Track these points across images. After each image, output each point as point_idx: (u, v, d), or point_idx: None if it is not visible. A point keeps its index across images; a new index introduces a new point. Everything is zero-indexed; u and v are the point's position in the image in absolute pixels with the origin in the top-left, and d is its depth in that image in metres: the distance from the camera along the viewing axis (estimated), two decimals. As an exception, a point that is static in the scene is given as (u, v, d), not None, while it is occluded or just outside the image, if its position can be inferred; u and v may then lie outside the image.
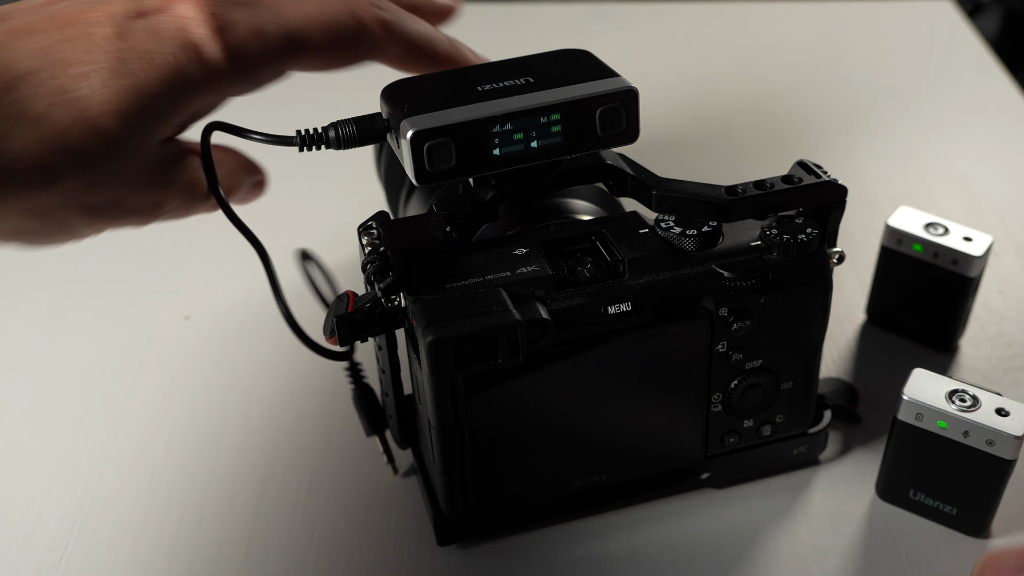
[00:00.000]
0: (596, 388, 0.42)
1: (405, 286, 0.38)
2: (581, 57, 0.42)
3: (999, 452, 0.41)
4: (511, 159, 0.39)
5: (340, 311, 0.39)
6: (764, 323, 0.42)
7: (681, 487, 0.47)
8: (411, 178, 0.38)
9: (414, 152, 0.38)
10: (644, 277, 0.40)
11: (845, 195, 0.42)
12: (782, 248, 0.41)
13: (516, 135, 0.39)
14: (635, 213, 0.43)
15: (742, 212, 0.41)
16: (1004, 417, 0.41)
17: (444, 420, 0.39)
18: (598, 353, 0.40)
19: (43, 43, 0.38)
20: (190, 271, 0.62)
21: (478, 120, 0.38)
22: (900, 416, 0.43)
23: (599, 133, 0.40)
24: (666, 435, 0.44)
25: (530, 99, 0.39)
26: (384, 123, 0.40)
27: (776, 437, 0.46)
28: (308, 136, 0.40)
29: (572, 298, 0.39)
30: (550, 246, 0.41)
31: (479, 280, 0.39)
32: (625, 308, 0.39)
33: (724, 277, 0.40)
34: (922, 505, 0.45)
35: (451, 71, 0.42)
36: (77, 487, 0.49)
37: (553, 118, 0.39)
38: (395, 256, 0.39)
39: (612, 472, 0.44)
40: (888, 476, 0.46)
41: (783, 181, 0.42)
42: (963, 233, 0.51)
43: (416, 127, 0.37)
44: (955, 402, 0.42)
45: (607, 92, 0.39)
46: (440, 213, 0.41)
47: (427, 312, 0.37)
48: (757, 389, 0.44)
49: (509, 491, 0.43)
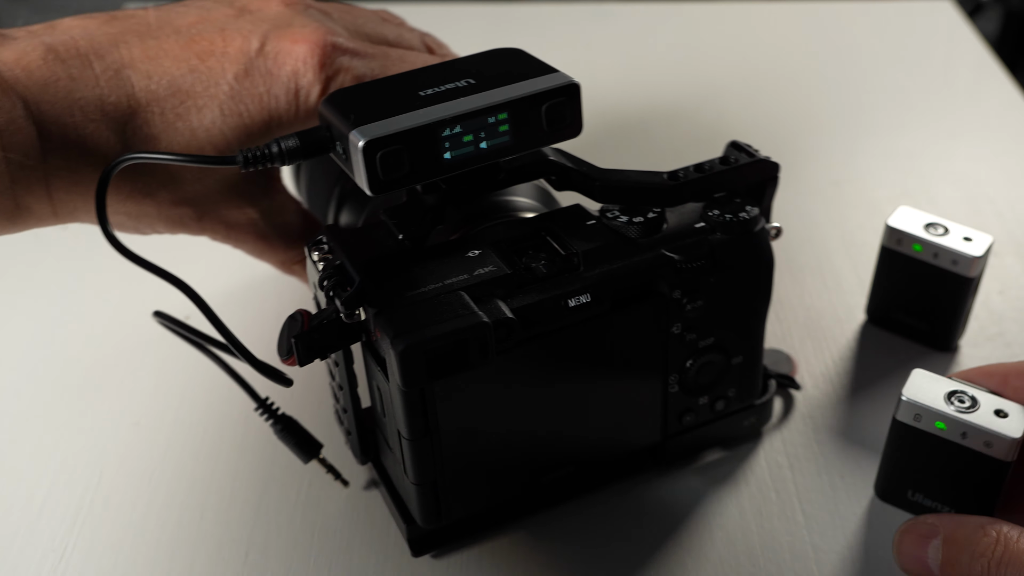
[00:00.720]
0: (560, 381, 0.42)
1: (366, 298, 0.38)
2: (516, 55, 0.42)
3: (996, 453, 0.41)
4: (462, 161, 0.39)
5: (296, 331, 0.38)
6: (714, 301, 0.43)
7: (642, 469, 0.48)
8: (364, 189, 0.38)
9: (367, 162, 0.37)
10: (599, 267, 0.40)
11: (778, 171, 0.44)
12: (726, 227, 0.42)
13: (466, 137, 0.39)
14: (578, 206, 0.44)
15: (686, 196, 0.43)
16: (1003, 419, 0.41)
17: (415, 430, 0.39)
18: (560, 347, 0.41)
19: (175, 72, 0.43)
20: (190, 271, 0.62)
21: (428, 125, 0.38)
22: (898, 417, 0.43)
23: (545, 129, 0.40)
24: (628, 421, 0.45)
25: (476, 100, 0.39)
26: (327, 135, 0.40)
27: (729, 411, 0.47)
28: (251, 155, 0.39)
29: (532, 295, 0.39)
30: (502, 245, 0.41)
31: (439, 286, 0.38)
32: (585, 300, 0.40)
33: (675, 260, 0.41)
34: (920, 506, 0.45)
35: (389, 78, 0.42)
36: (77, 487, 0.49)
37: (500, 117, 0.39)
38: (353, 268, 0.39)
39: (579, 463, 0.45)
40: (886, 477, 0.46)
41: (721, 163, 0.43)
42: (963, 233, 0.51)
43: (367, 136, 0.37)
44: (954, 403, 0.42)
45: (551, 88, 0.39)
46: (390, 221, 0.41)
47: (393, 322, 0.36)
48: (710, 366, 0.45)
49: (481, 494, 0.43)
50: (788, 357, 0.54)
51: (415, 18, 0.93)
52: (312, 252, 0.41)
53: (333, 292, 0.38)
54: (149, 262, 0.40)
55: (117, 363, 0.56)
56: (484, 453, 0.42)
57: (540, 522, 0.46)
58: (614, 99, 0.80)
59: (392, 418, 0.40)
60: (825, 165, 0.71)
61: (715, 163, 0.43)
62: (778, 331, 0.56)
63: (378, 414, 0.43)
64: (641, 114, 0.75)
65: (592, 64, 0.86)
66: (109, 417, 0.53)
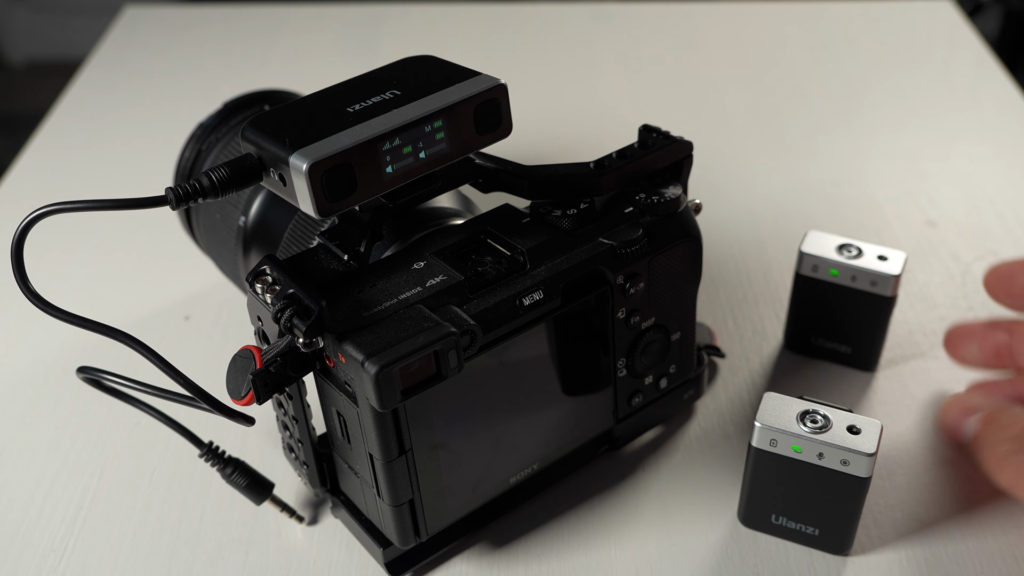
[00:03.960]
0: (520, 380, 0.42)
1: (326, 325, 0.37)
2: (430, 62, 0.42)
3: (854, 471, 0.41)
4: (403, 173, 0.39)
5: (250, 368, 0.37)
6: (653, 282, 0.44)
7: (597, 455, 0.49)
8: (311, 212, 0.37)
9: (312, 184, 0.36)
10: (545, 263, 0.41)
11: (692, 149, 0.45)
12: (654, 209, 0.43)
13: (405, 149, 0.38)
14: (507, 205, 0.44)
15: (613, 182, 0.43)
16: (855, 435, 0.41)
17: (389, 452, 0.39)
18: (516, 347, 0.41)
19: None
20: (190, 271, 0.62)
21: (368, 140, 0.37)
22: (755, 443, 0.42)
23: (477, 132, 0.40)
24: (583, 411, 0.46)
25: (410, 111, 0.38)
26: (258, 162, 0.38)
27: (671, 387, 0.49)
28: (182, 191, 0.38)
29: (487, 298, 0.39)
30: (445, 253, 0.41)
31: (395, 302, 0.38)
32: (538, 296, 0.40)
33: (614, 246, 0.42)
34: (785, 528, 0.45)
35: (307, 98, 0.41)
36: (77, 487, 0.49)
37: (436, 125, 0.39)
38: (307, 296, 0.37)
39: (542, 459, 0.45)
40: (749, 503, 0.45)
41: (640, 147, 0.44)
42: (877, 252, 0.50)
43: (311, 158, 0.36)
44: (807, 424, 0.41)
45: (482, 90, 0.40)
46: (330, 244, 0.41)
47: (360, 345, 0.36)
48: (653, 346, 0.46)
49: (455, 506, 0.43)
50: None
51: (415, 18, 0.94)
52: (255, 284, 0.39)
53: (294, 321, 0.37)
54: (84, 318, 0.38)
55: (117, 363, 0.56)
56: (456, 463, 0.42)
57: (508, 523, 0.46)
58: (614, 99, 0.81)
59: (361, 443, 0.40)
60: (825, 165, 0.71)
61: (634, 148, 0.44)
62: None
63: (339, 441, 0.42)
64: (641, 114, 0.74)
65: (592, 64, 0.86)
66: (109, 417, 0.53)
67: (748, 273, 0.61)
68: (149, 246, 0.66)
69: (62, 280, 0.63)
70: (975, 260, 0.61)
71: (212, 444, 0.44)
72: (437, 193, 0.42)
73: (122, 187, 0.72)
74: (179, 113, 0.74)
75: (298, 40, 0.91)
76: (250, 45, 0.91)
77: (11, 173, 0.74)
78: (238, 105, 0.56)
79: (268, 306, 0.38)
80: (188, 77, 0.86)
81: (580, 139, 0.75)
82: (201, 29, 0.94)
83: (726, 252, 0.63)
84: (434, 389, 0.37)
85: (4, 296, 0.61)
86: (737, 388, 0.53)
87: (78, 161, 0.75)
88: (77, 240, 0.66)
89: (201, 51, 0.90)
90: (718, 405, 0.52)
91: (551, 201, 0.43)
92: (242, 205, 0.51)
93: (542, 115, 0.77)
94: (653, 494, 0.47)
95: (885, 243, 0.62)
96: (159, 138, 0.76)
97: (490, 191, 0.44)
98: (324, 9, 0.96)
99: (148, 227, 0.67)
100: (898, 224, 0.65)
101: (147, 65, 0.88)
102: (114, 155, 0.76)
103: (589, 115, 0.78)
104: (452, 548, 0.45)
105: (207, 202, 0.41)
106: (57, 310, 0.37)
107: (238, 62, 0.88)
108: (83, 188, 0.72)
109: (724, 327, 0.57)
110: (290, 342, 0.38)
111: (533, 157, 0.47)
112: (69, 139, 0.78)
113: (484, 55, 0.87)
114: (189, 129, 0.56)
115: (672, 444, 0.50)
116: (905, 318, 0.57)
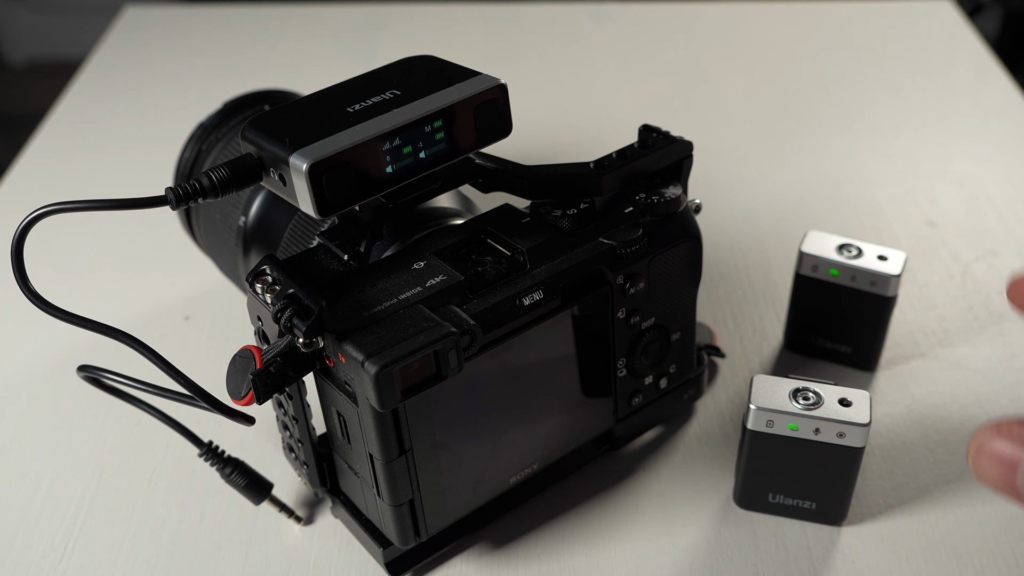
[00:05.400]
0: (519, 380, 0.42)
1: (326, 325, 0.37)
2: (430, 62, 0.42)
3: (850, 442, 0.42)
4: (404, 173, 0.39)
5: (250, 368, 0.37)
6: (653, 282, 0.44)
7: (597, 455, 0.49)
8: (311, 212, 0.37)
9: (313, 184, 0.36)
10: (545, 263, 0.41)
11: (692, 149, 0.45)
12: (654, 209, 0.43)
13: (405, 149, 0.38)
14: (507, 205, 0.44)
15: (613, 183, 0.43)
16: (848, 407, 0.42)
17: (390, 452, 0.39)
18: (517, 346, 0.41)
19: None
20: (190, 271, 0.62)
21: (368, 140, 0.37)
22: (751, 426, 0.43)
23: (477, 132, 0.40)
24: (583, 411, 0.46)
25: (410, 111, 0.38)
26: (258, 162, 0.39)
27: (672, 387, 0.48)
28: (182, 191, 0.38)
29: (487, 298, 0.39)
30: (445, 253, 0.41)
31: (395, 301, 0.38)
32: (538, 296, 0.40)
33: (615, 246, 0.42)
34: (782, 506, 0.45)
35: (307, 98, 0.41)
36: (77, 487, 0.49)
37: (436, 125, 0.39)
38: (307, 296, 0.37)
39: (542, 459, 0.45)
40: (745, 485, 0.45)
41: (640, 147, 0.44)
42: (877, 252, 0.50)
43: (311, 159, 0.36)
44: (799, 401, 0.42)
45: (481, 90, 0.40)
46: (330, 244, 0.41)
47: (361, 345, 0.36)
48: (654, 345, 0.46)
49: (455, 506, 0.43)
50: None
51: (415, 18, 0.94)
52: (255, 284, 0.39)
53: (295, 321, 0.37)
54: (85, 318, 0.38)
55: (117, 363, 0.56)
56: (456, 463, 0.42)
57: (508, 523, 0.46)
58: (614, 99, 0.81)
59: (361, 442, 0.40)
60: (825, 165, 0.71)
61: (634, 148, 0.44)
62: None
63: (339, 441, 0.42)
64: (641, 114, 0.74)
65: (592, 64, 0.86)
66: (109, 417, 0.53)
67: (748, 273, 0.61)
68: (149, 246, 0.66)
69: (62, 280, 0.63)
70: (975, 260, 0.62)
71: (212, 444, 0.44)
72: (437, 193, 0.42)
73: (122, 187, 0.72)
74: (179, 113, 0.74)
75: (298, 40, 0.91)
76: (250, 45, 0.91)
77: (11, 173, 0.74)
78: (238, 105, 0.56)
79: (268, 306, 0.38)
80: (188, 77, 0.86)
81: (580, 139, 0.75)
82: (201, 29, 0.94)
83: (726, 252, 0.63)
84: (434, 389, 0.37)
85: (4, 296, 0.61)
86: (737, 388, 0.53)
87: (78, 161, 0.75)
88: (77, 240, 0.66)
89: (201, 51, 0.90)
90: (718, 405, 0.52)
91: (551, 201, 0.43)
92: (242, 205, 0.51)
93: (542, 115, 0.77)
94: (653, 494, 0.47)
95: (885, 243, 0.62)
96: (159, 138, 0.76)
97: (490, 191, 0.44)
98: (324, 9, 0.96)
99: (148, 227, 0.67)
100: (898, 224, 0.65)
101: (147, 65, 0.88)
102: (114, 155, 0.76)
103: (589, 115, 0.78)
104: (452, 548, 0.45)
105: (207, 202, 0.42)
106: (57, 310, 0.37)
107: (238, 62, 0.88)
108: (83, 188, 0.72)
109: (724, 327, 0.57)
110: (290, 342, 0.38)
111: (533, 157, 0.47)
112: (69, 139, 0.78)
113: (484, 55, 0.87)
114: (189, 129, 0.56)
115: (672, 444, 0.50)
116: (905, 318, 0.57)
